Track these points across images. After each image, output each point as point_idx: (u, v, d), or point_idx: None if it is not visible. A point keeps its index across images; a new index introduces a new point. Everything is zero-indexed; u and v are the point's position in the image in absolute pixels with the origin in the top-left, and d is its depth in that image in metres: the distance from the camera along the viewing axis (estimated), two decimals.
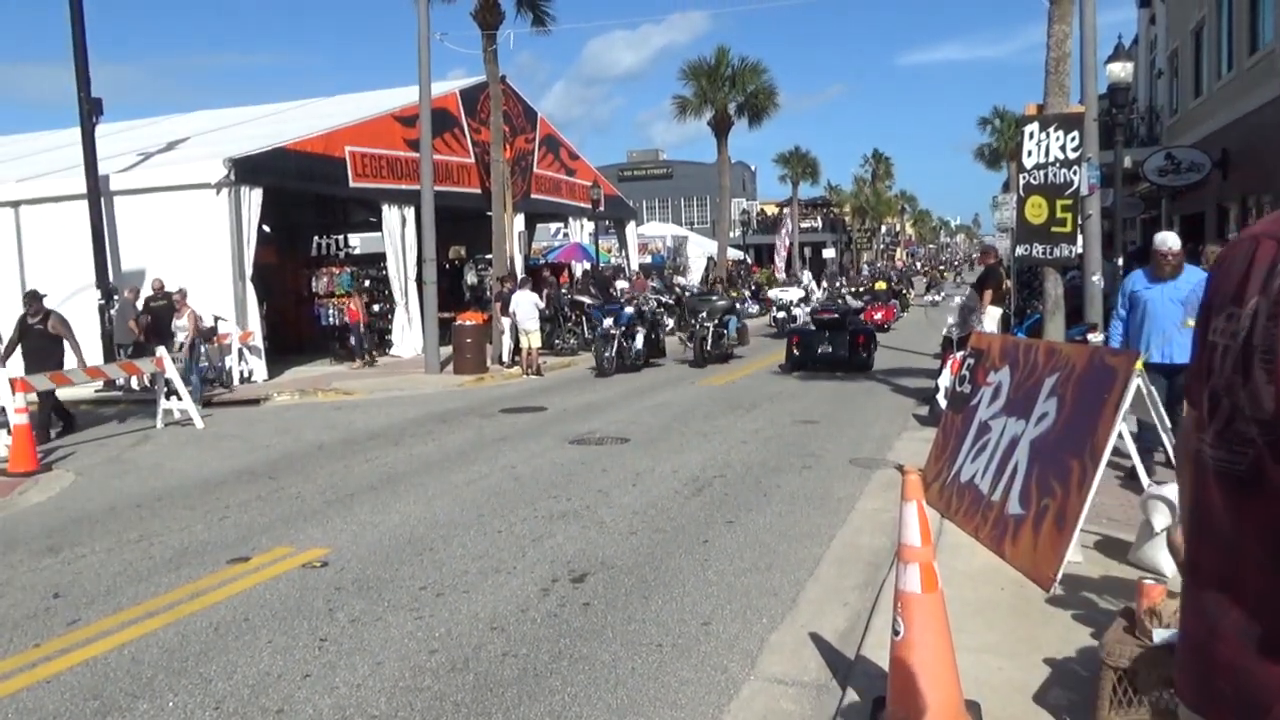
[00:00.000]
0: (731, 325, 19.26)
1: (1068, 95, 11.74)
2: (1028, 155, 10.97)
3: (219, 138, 21.26)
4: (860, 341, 16.64)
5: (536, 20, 22.88)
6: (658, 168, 69.27)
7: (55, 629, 5.36)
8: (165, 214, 17.04)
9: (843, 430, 10.83)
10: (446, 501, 8.04)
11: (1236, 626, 1.31)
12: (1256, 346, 1.25)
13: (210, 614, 5.49)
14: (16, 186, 18.45)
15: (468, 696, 4.31)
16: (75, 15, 15.12)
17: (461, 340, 17.74)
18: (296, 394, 15.68)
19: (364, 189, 20.67)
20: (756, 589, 5.63)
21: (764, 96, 36.47)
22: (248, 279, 17.27)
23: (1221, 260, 1.41)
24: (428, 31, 18.53)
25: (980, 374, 7.17)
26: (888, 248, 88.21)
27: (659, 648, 4.80)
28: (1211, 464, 1.35)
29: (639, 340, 17.94)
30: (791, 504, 7.60)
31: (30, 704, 4.38)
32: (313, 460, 10.14)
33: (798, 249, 53.94)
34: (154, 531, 7.41)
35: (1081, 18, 12.05)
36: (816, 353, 16.56)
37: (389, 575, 6.09)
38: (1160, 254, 7.42)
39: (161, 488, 9.06)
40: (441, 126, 21.92)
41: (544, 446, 10.42)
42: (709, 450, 9.88)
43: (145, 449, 11.38)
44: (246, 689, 4.46)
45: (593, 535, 6.87)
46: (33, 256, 17.92)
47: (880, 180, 79.40)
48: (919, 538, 3.61)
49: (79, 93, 15.32)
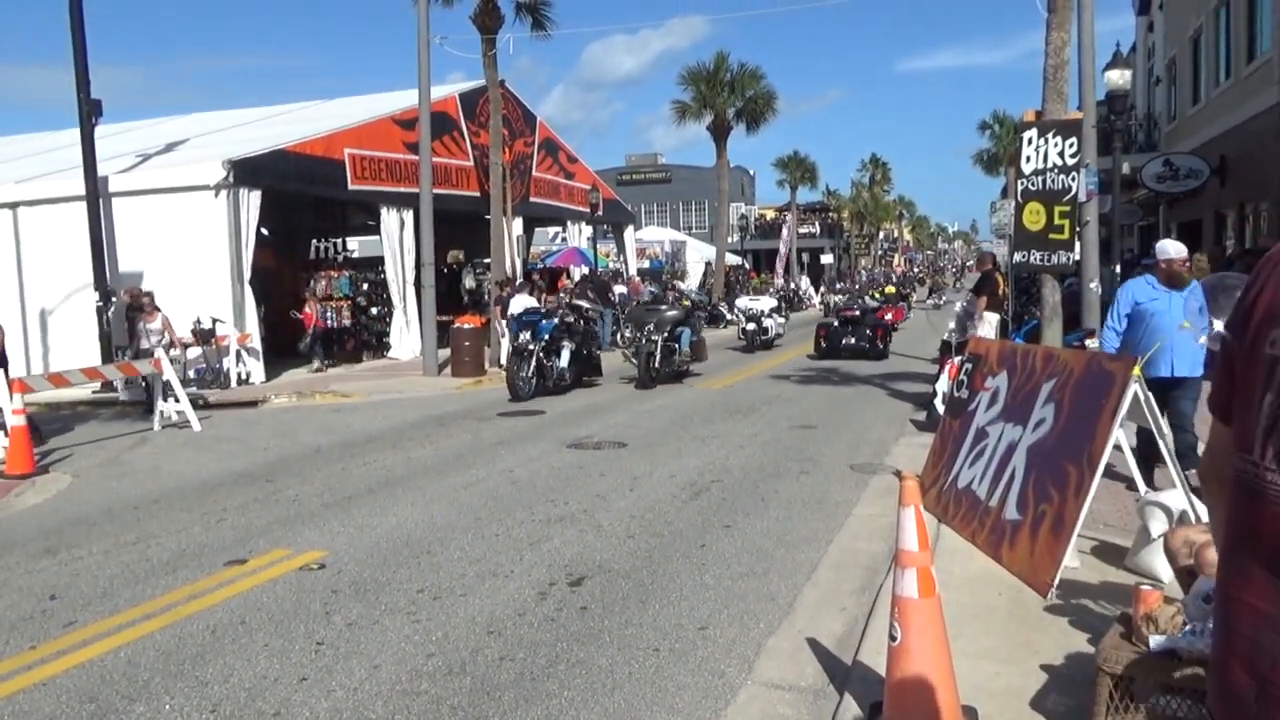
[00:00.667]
0: (684, 339, 16.99)
1: (1066, 102, 11.78)
2: (1026, 161, 11.00)
3: (218, 139, 21.25)
4: (878, 334, 20.18)
5: (536, 24, 22.91)
6: (656, 172, 69.36)
7: (51, 631, 5.35)
8: (164, 216, 17.03)
9: (840, 435, 10.83)
10: (444, 505, 8.04)
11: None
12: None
13: (207, 616, 5.48)
14: (15, 188, 18.42)
15: (465, 700, 4.31)
16: (75, 18, 15.12)
17: (460, 343, 17.74)
18: (294, 396, 15.67)
19: (363, 192, 20.68)
20: (754, 594, 5.63)
21: (762, 102, 36.54)
22: (246, 281, 17.26)
23: (1273, 269, 1.31)
24: (428, 35, 18.56)
25: (978, 379, 7.18)
26: (885, 254, 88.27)
27: (656, 652, 4.80)
28: (1272, 489, 1.24)
29: (564, 357, 15.46)
30: (789, 509, 7.60)
31: (27, 706, 4.37)
32: (310, 463, 10.14)
33: (795, 254, 53.99)
34: (151, 534, 7.40)
35: (1080, 25, 12.10)
36: (841, 343, 20.09)
37: (386, 578, 6.09)
38: (1178, 262, 7.31)
39: (159, 490, 9.05)
40: (441, 129, 21.94)
41: (541, 450, 10.42)
42: (707, 455, 9.88)
43: (142, 451, 11.37)
44: (243, 692, 4.46)
45: (590, 539, 6.87)
46: (30, 258, 17.90)
47: (878, 185, 79.51)
48: (916, 543, 3.61)
49: (78, 94, 15.30)
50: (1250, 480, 1.28)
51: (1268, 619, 1.26)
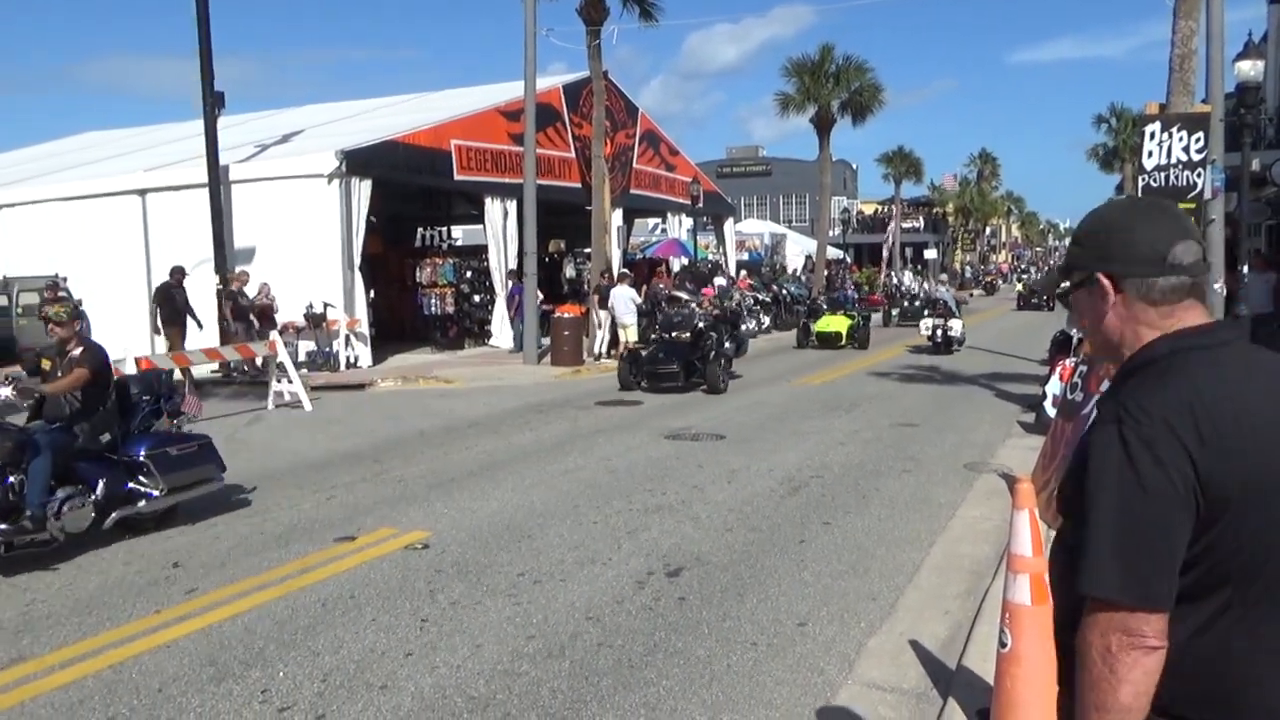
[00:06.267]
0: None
1: (1192, 94, 11.29)
2: (1148, 156, 10.58)
3: (330, 130, 21.96)
4: None
5: (644, 14, 22.96)
6: (757, 165, 68.81)
7: (174, 597, 5.62)
8: (279, 203, 17.69)
9: (944, 434, 10.59)
10: (543, 491, 8.15)
11: None
12: None
13: (318, 589, 5.69)
14: (144, 175, 19.40)
15: (564, 684, 4.37)
16: (201, 14, 15.80)
17: (559, 333, 17.95)
18: (399, 380, 16.10)
19: (468, 182, 21.09)
20: (854, 592, 5.56)
21: (868, 94, 35.81)
22: (356, 267, 17.81)
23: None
24: (534, 28, 18.78)
25: (1094, 381, 6.91)
26: (991, 250, 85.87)
27: (754, 646, 4.78)
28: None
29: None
30: (891, 508, 7.48)
31: (152, 667, 4.61)
32: (415, 445, 10.40)
33: (899, 249, 52.98)
34: (265, 508, 7.70)
35: (1209, 13, 11.54)
36: None
37: (488, 560, 6.21)
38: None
39: (273, 466, 9.41)
40: (544, 121, 22.18)
41: (639, 440, 10.48)
42: (805, 450, 9.79)
43: (257, 429, 11.84)
44: (352, 664, 4.61)
45: (688, 530, 6.88)
46: (156, 241, 18.81)
47: (986, 180, 77.31)
48: (1030, 548, 3.51)
49: (203, 88, 16.02)
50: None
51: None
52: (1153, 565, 1.46)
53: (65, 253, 18.77)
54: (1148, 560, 1.46)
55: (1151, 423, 1.49)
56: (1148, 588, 1.46)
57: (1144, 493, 1.47)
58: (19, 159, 27.91)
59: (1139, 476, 1.47)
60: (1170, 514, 1.47)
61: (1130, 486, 1.47)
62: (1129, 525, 1.47)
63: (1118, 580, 1.46)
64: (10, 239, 20.45)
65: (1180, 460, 1.47)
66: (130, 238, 18.91)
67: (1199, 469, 1.47)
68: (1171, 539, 1.47)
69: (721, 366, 14.58)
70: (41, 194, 20.46)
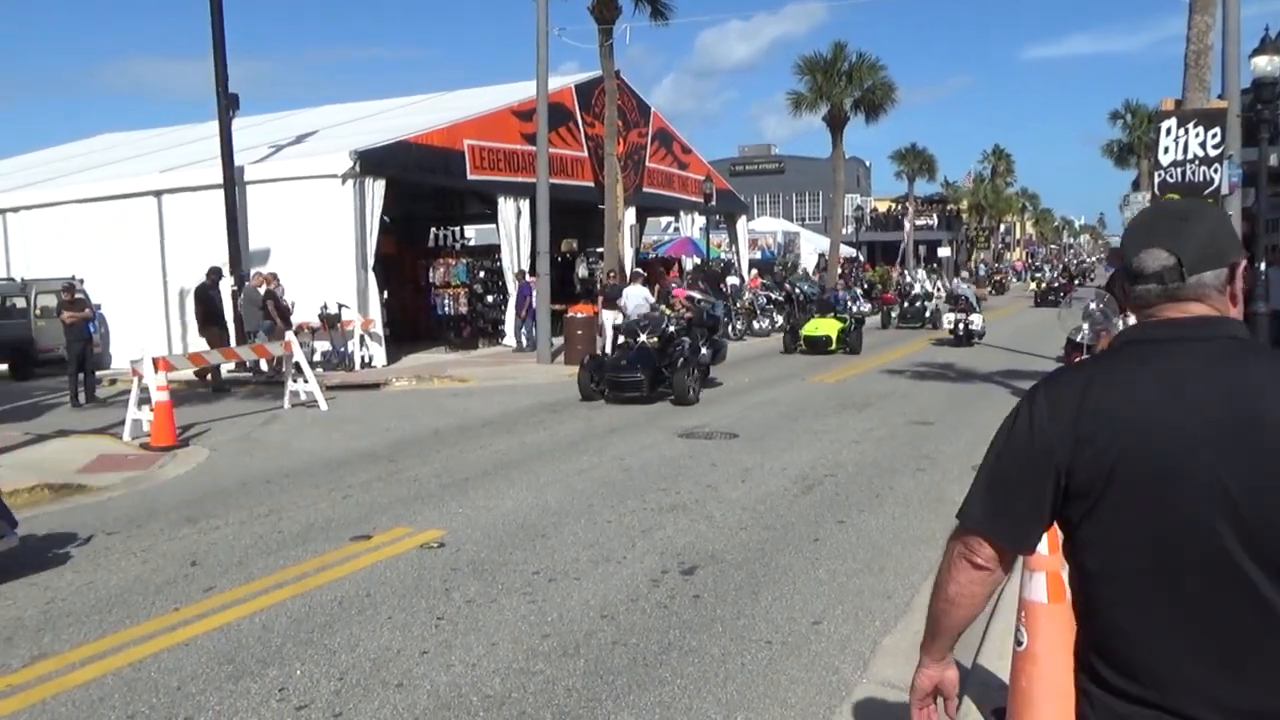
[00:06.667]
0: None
1: (1208, 90, 11.23)
2: (1164, 152, 10.53)
3: (344, 131, 22.04)
4: None
5: (656, 13, 22.99)
6: (769, 163, 68.65)
7: (193, 595, 5.67)
8: (293, 204, 17.79)
9: (958, 433, 10.56)
10: (557, 490, 8.17)
11: None
12: None
13: (335, 588, 5.72)
14: (160, 176, 19.54)
15: (579, 682, 4.38)
16: (215, 17, 15.90)
17: (572, 332, 17.97)
18: (413, 380, 16.17)
19: (481, 181, 21.15)
20: (869, 591, 5.56)
21: (881, 92, 35.72)
22: (369, 268, 17.89)
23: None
24: (546, 27, 18.80)
25: None
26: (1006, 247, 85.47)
27: (769, 644, 4.79)
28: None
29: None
30: (905, 506, 7.47)
31: (170, 664, 4.65)
32: (429, 444, 10.44)
33: (913, 247, 52.80)
34: (282, 507, 7.75)
35: (1225, 8, 11.47)
36: None
37: (502, 559, 6.23)
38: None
39: (289, 465, 9.47)
40: (556, 121, 22.21)
41: (653, 439, 10.49)
42: (819, 448, 9.78)
43: (273, 428, 11.91)
44: (368, 662, 4.63)
45: (702, 529, 6.88)
46: (172, 242, 18.94)
47: (1000, 177, 76.96)
48: (1046, 545, 3.50)
49: (217, 90, 16.12)
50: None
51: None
52: (995, 506, 1.76)
53: (82, 254, 18.92)
54: (999, 500, 1.76)
55: (1044, 398, 1.74)
56: (990, 522, 1.77)
57: (1008, 448, 1.76)
58: (37, 161, 28.16)
59: (1011, 436, 1.76)
60: (1023, 469, 1.73)
61: (1003, 440, 1.78)
62: (996, 474, 1.78)
63: (976, 512, 1.79)
64: (28, 241, 20.67)
65: (1049, 429, 1.69)
66: (146, 239, 19.06)
67: (1067, 444, 1.67)
68: (1020, 489, 1.73)
69: (693, 375, 13.17)
70: (59, 196, 20.66)
